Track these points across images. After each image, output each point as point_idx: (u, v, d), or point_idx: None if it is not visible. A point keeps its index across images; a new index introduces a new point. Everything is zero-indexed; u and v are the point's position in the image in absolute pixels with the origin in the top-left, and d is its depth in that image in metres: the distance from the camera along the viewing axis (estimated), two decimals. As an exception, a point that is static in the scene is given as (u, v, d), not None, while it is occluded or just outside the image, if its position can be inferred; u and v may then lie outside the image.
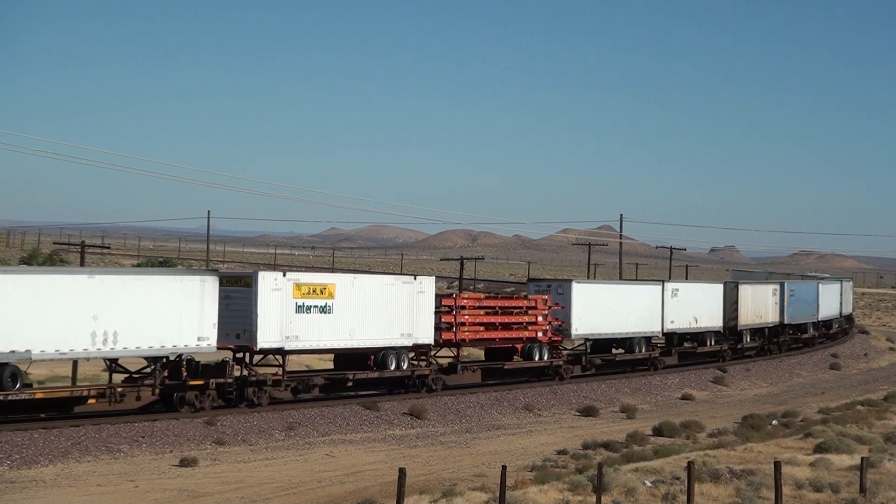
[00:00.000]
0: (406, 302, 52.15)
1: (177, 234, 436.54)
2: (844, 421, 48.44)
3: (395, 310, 51.58)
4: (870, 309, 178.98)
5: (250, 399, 46.48)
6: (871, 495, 28.46)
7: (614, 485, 29.44)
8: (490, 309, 57.93)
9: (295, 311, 47.31)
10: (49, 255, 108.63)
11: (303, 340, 47.75)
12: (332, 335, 48.97)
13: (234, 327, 45.99)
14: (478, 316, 56.75)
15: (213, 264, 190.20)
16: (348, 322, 49.50)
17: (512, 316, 58.69)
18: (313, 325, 48.11)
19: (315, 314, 48.12)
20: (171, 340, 43.10)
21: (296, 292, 47.41)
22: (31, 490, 33.63)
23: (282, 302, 46.89)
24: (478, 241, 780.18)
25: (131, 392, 43.07)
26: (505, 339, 58.59)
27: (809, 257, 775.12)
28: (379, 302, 50.97)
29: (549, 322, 60.70)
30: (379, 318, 50.85)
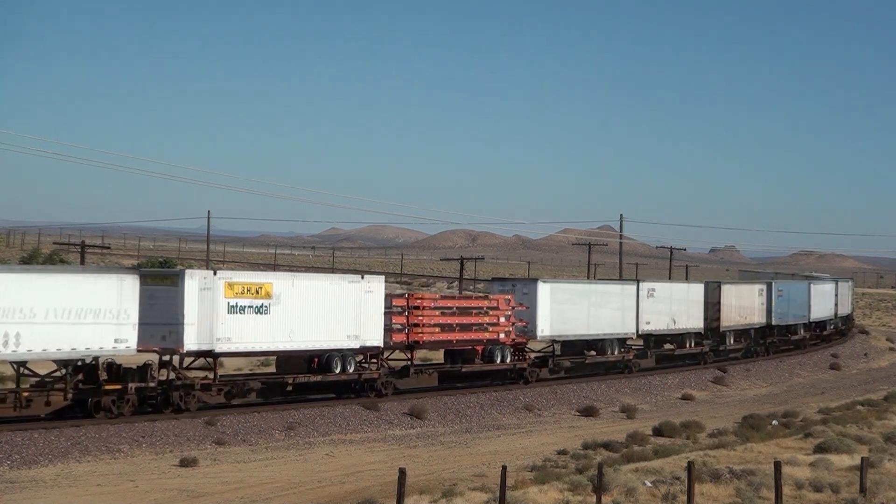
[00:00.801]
0: (352, 302, 49.90)
1: (177, 235, 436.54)
2: (844, 421, 48.44)
3: (340, 310, 49.40)
4: (870, 309, 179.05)
5: (176, 404, 44.16)
6: (871, 495, 28.45)
7: (614, 485, 29.44)
8: (447, 309, 55.43)
9: (227, 311, 44.85)
10: (49, 256, 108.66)
11: (236, 342, 45.26)
12: (270, 337, 46.49)
13: (159, 329, 43.35)
14: (434, 317, 54.18)
15: (213, 264, 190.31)
16: (288, 323, 47.14)
17: (471, 317, 56.35)
18: (248, 327, 45.63)
19: (250, 315, 45.70)
20: (84, 343, 40.44)
21: (228, 292, 44.94)
22: (32, 490, 33.63)
23: (212, 302, 44.41)
24: (478, 242, 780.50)
25: (39, 397, 40.60)
26: (464, 340, 56.21)
27: (810, 257, 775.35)
28: (322, 302, 48.76)
29: (512, 323, 58.43)
30: (322, 318, 48.63)
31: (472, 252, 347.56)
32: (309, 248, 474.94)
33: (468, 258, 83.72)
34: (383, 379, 52.02)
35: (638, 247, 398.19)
